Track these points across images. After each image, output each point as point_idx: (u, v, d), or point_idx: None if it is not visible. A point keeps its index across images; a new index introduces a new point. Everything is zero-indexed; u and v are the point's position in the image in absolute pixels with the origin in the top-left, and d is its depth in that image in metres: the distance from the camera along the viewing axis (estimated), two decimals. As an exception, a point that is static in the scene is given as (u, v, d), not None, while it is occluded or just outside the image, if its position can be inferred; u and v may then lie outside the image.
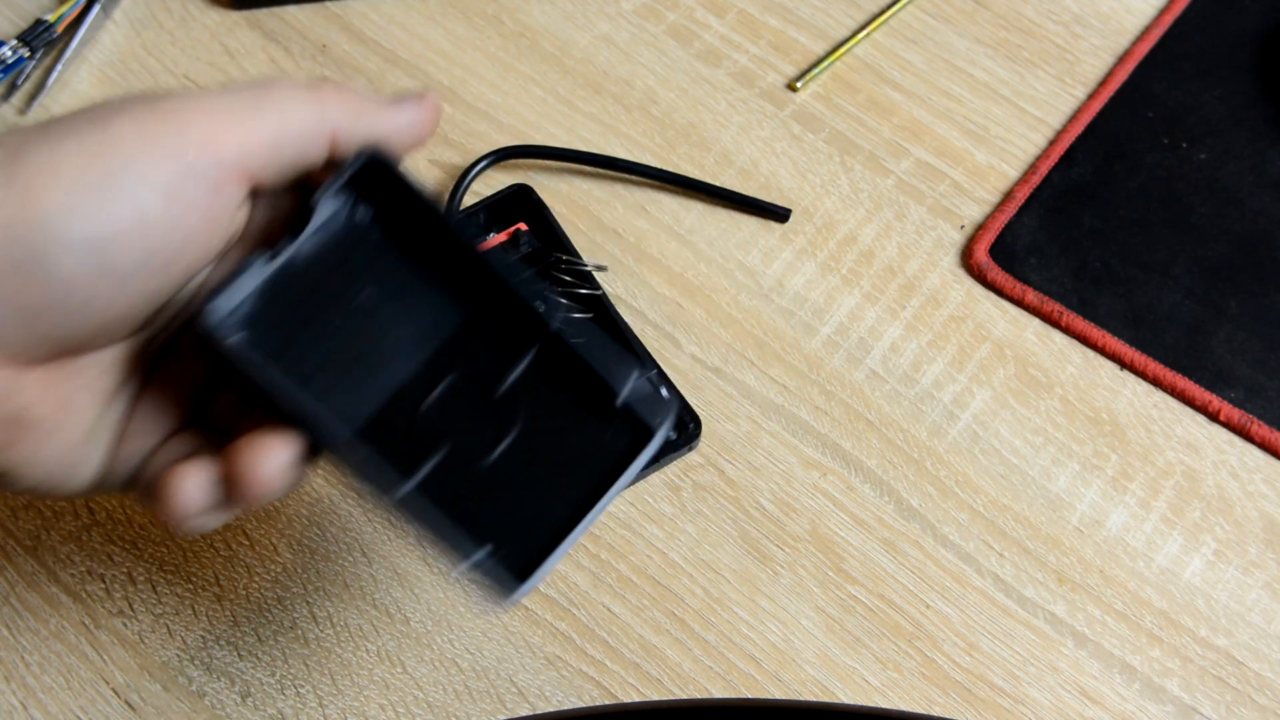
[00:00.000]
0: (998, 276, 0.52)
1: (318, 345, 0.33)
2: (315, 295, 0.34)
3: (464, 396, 0.33)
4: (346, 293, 0.34)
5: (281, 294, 0.34)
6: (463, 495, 0.33)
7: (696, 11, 0.60)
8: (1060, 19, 0.61)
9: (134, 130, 0.30)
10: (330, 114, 0.33)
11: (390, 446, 0.33)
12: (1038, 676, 0.44)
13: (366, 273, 0.34)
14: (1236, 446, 0.49)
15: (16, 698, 0.43)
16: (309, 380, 0.33)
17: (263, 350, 0.33)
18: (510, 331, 0.34)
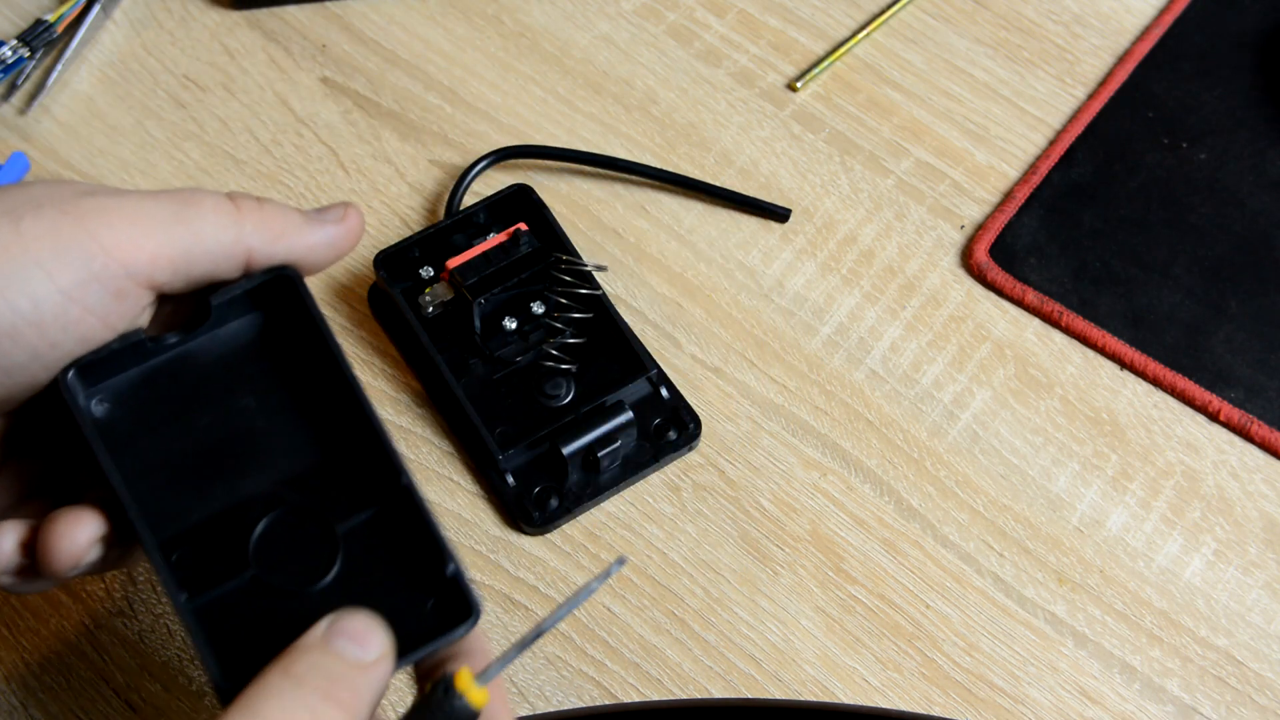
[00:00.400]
0: (998, 276, 0.52)
1: (174, 440, 0.34)
2: (188, 392, 0.34)
3: (294, 531, 0.33)
4: (220, 398, 0.34)
5: (156, 382, 0.34)
6: (244, 626, 0.32)
7: (696, 11, 0.60)
8: (1060, 19, 0.61)
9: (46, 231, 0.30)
10: (247, 232, 0.33)
11: (200, 558, 0.33)
12: (1038, 676, 0.44)
13: (246, 384, 0.35)
14: (1236, 446, 0.49)
15: (16, 698, 0.43)
16: (150, 470, 0.33)
17: (117, 427, 0.33)
18: (361, 480, 0.34)
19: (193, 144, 0.55)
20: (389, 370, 0.50)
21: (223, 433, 0.34)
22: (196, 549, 0.33)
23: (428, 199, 0.54)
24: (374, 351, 0.50)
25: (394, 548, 0.34)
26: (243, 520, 0.33)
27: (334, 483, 0.34)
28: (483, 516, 0.47)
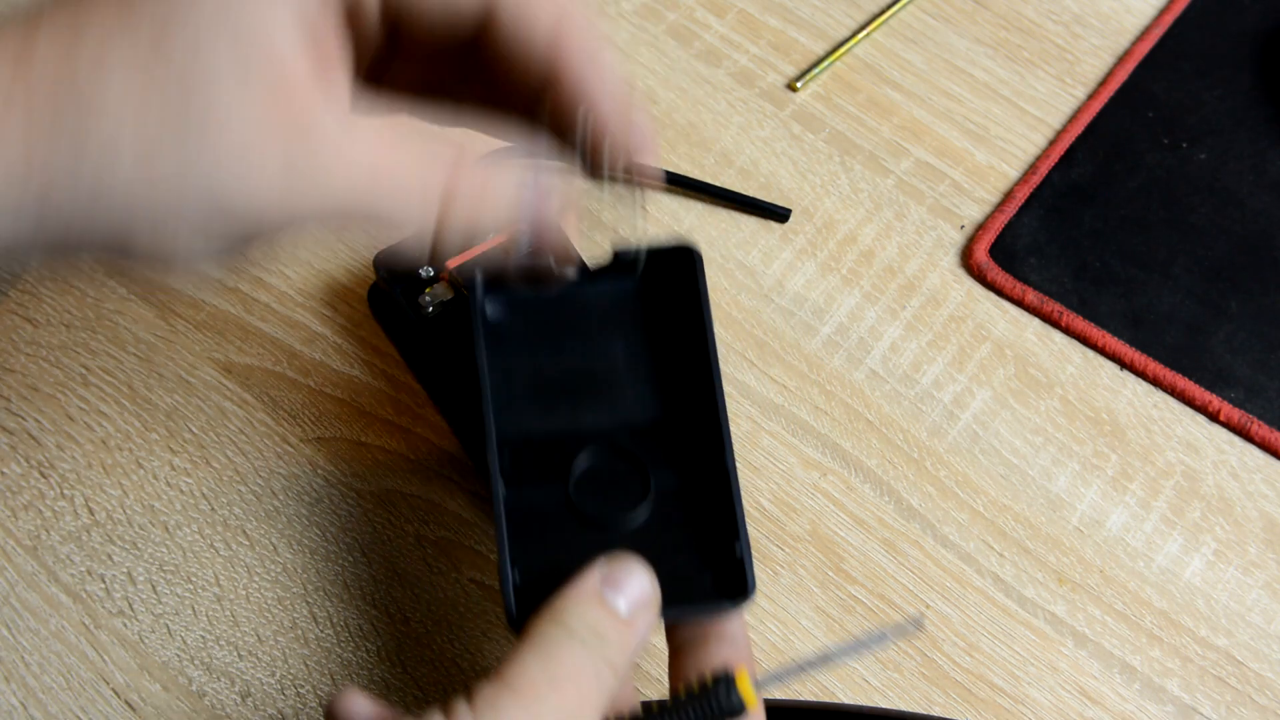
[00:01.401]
0: (998, 276, 0.52)
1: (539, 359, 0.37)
2: (566, 322, 0.38)
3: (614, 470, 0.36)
4: (591, 336, 0.37)
5: (543, 305, 0.37)
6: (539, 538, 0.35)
7: (696, 11, 0.60)
8: (1060, 19, 0.61)
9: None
10: None
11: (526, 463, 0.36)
12: (1038, 676, 0.44)
13: (618, 330, 0.38)
14: (1236, 446, 0.49)
15: (16, 698, 0.43)
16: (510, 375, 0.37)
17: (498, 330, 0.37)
18: (688, 445, 0.36)
19: (193, 144, 0.55)
20: (389, 370, 0.50)
21: (583, 367, 0.37)
22: (526, 455, 0.36)
23: (428, 199, 0.54)
24: (374, 351, 0.50)
25: (693, 514, 0.36)
26: (573, 446, 0.36)
27: (663, 441, 0.36)
28: (482, 516, 0.47)
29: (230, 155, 0.27)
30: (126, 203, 0.27)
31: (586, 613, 0.30)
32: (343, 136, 0.28)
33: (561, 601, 0.30)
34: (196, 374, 0.49)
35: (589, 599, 0.30)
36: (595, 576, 0.31)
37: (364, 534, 0.46)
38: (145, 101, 0.26)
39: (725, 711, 0.31)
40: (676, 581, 0.33)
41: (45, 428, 0.48)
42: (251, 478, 0.47)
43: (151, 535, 0.46)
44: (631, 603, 0.31)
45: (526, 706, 0.28)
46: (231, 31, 0.27)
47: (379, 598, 0.45)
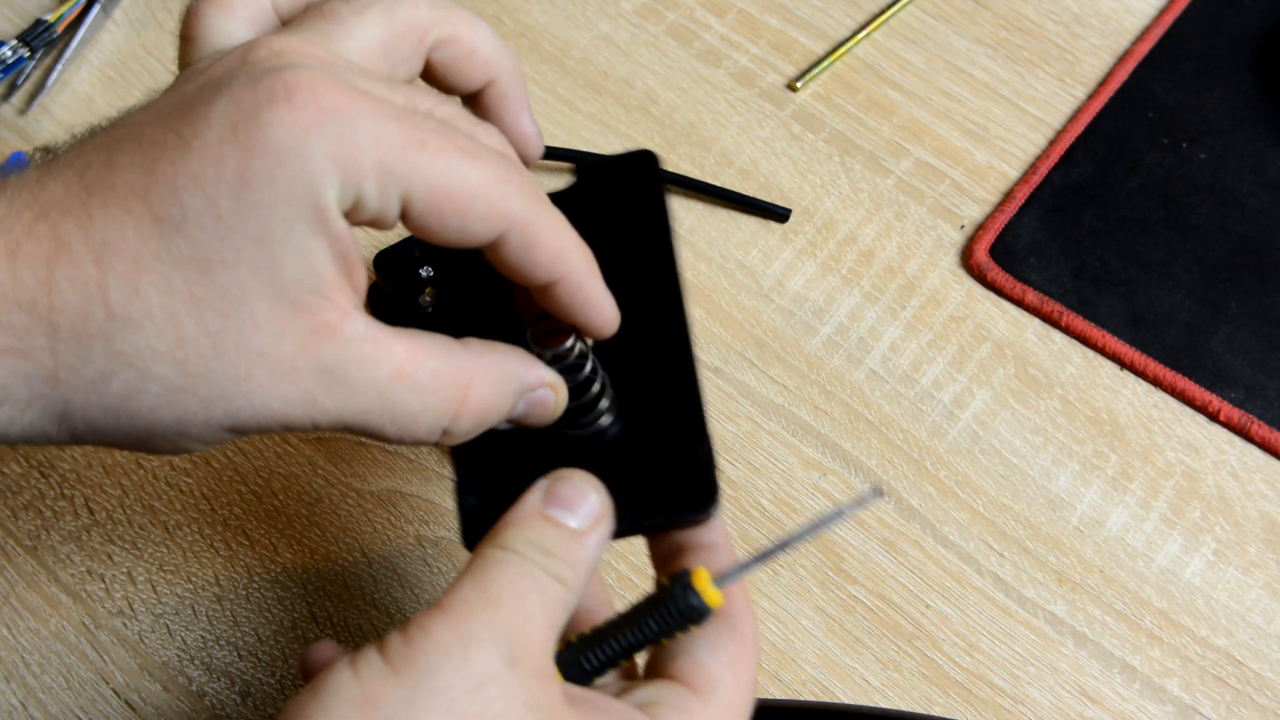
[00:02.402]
0: (998, 276, 0.52)
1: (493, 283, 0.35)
2: None
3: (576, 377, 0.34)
4: None
5: None
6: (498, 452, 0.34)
7: (696, 11, 0.60)
8: (1060, 19, 0.61)
9: None
10: None
11: None
12: (1038, 676, 0.44)
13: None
14: (1236, 446, 0.49)
15: (16, 698, 0.43)
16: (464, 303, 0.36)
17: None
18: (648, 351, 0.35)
19: (193, 144, 0.55)
20: (389, 370, 0.50)
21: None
22: None
23: (428, 199, 0.54)
24: (374, 351, 0.50)
25: (657, 424, 0.34)
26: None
27: (625, 352, 0.35)
28: (483, 516, 0.47)
29: (259, 384, 0.28)
30: (154, 417, 0.28)
31: (527, 530, 0.29)
32: (369, 344, 0.29)
33: (502, 522, 0.30)
34: (196, 374, 0.49)
35: (530, 516, 0.30)
36: (537, 494, 0.30)
37: (364, 534, 0.46)
38: (180, 327, 0.27)
39: (686, 614, 0.29)
40: (642, 494, 0.32)
41: (45, 428, 0.48)
42: (251, 478, 0.47)
43: (151, 535, 0.46)
44: (579, 516, 0.30)
45: (455, 626, 0.27)
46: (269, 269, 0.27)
47: (379, 598, 0.45)
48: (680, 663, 0.30)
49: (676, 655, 0.30)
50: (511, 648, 0.27)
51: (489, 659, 0.26)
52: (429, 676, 0.26)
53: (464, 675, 0.26)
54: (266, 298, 0.27)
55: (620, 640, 0.30)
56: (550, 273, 0.31)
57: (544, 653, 0.28)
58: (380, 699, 0.26)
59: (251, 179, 0.27)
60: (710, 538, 0.33)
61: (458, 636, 0.27)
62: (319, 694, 0.26)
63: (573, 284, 0.32)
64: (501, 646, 0.27)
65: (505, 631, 0.27)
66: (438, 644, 0.26)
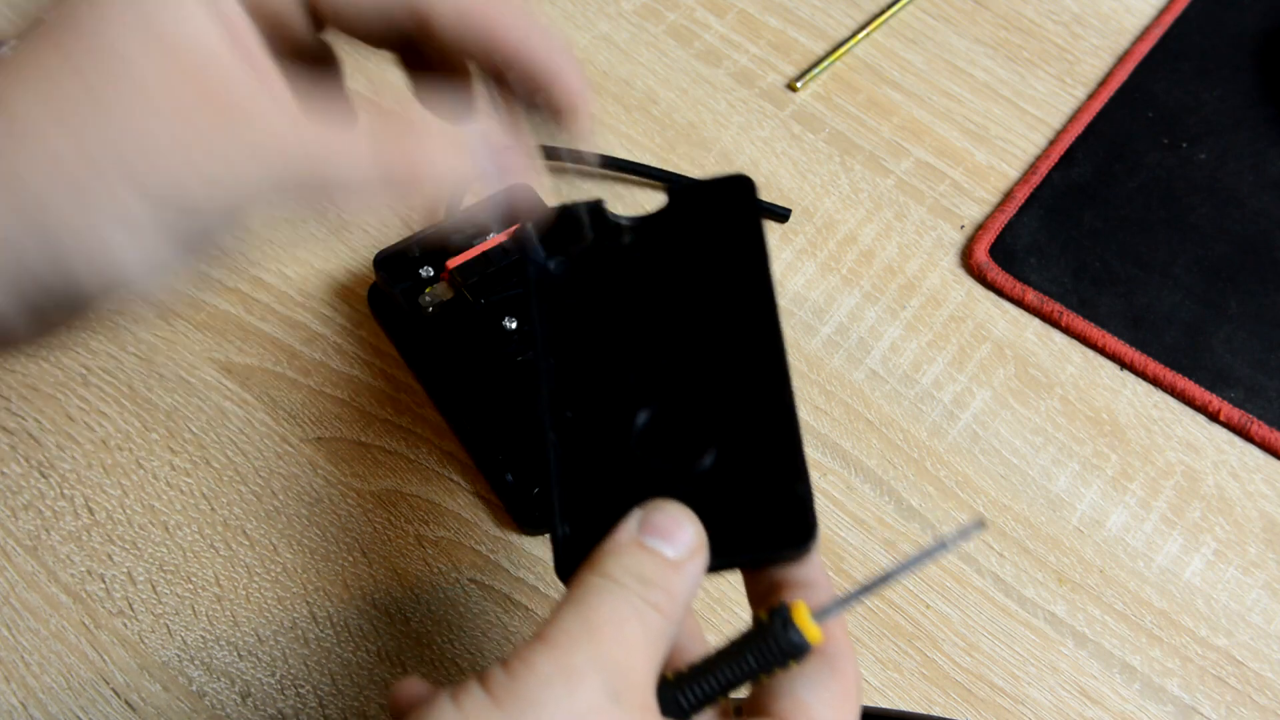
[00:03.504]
0: (998, 276, 0.52)
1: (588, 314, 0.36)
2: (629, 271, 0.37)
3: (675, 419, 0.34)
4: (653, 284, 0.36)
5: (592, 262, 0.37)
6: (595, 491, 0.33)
7: (696, 11, 0.60)
8: (1060, 19, 0.61)
9: None
10: None
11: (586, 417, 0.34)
12: (1038, 676, 0.44)
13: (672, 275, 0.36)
14: (1236, 446, 0.49)
15: (16, 698, 0.43)
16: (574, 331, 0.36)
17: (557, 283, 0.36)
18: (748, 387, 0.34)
19: (193, 144, 0.55)
20: (389, 370, 0.50)
21: (638, 317, 0.36)
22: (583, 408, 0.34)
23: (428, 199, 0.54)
24: (374, 352, 0.50)
25: (755, 460, 0.34)
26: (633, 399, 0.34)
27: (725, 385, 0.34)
28: (482, 516, 0.47)
29: (156, 143, 0.26)
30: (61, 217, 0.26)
31: (625, 559, 0.29)
32: (278, 114, 0.27)
33: (599, 551, 0.29)
34: (196, 374, 0.49)
35: (627, 545, 0.29)
36: (633, 523, 0.30)
37: (364, 534, 0.46)
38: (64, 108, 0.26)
39: (786, 650, 0.29)
40: (738, 528, 0.32)
41: (45, 428, 0.48)
42: (251, 478, 0.47)
43: (151, 535, 0.46)
44: (676, 545, 0.29)
45: (559, 658, 0.26)
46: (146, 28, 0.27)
47: (379, 598, 0.45)
48: (781, 702, 0.29)
49: (777, 694, 0.30)
50: (614, 680, 0.26)
51: (593, 692, 0.26)
52: (533, 709, 0.26)
53: (568, 708, 0.26)
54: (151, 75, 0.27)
55: (719, 676, 0.29)
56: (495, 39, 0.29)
57: (646, 686, 0.27)
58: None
59: None
60: (808, 574, 0.32)
61: (561, 669, 0.26)
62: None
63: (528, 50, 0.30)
64: (605, 679, 0.26)
65: (608, 664, 0.27)
66: (541, 676, 0.26)
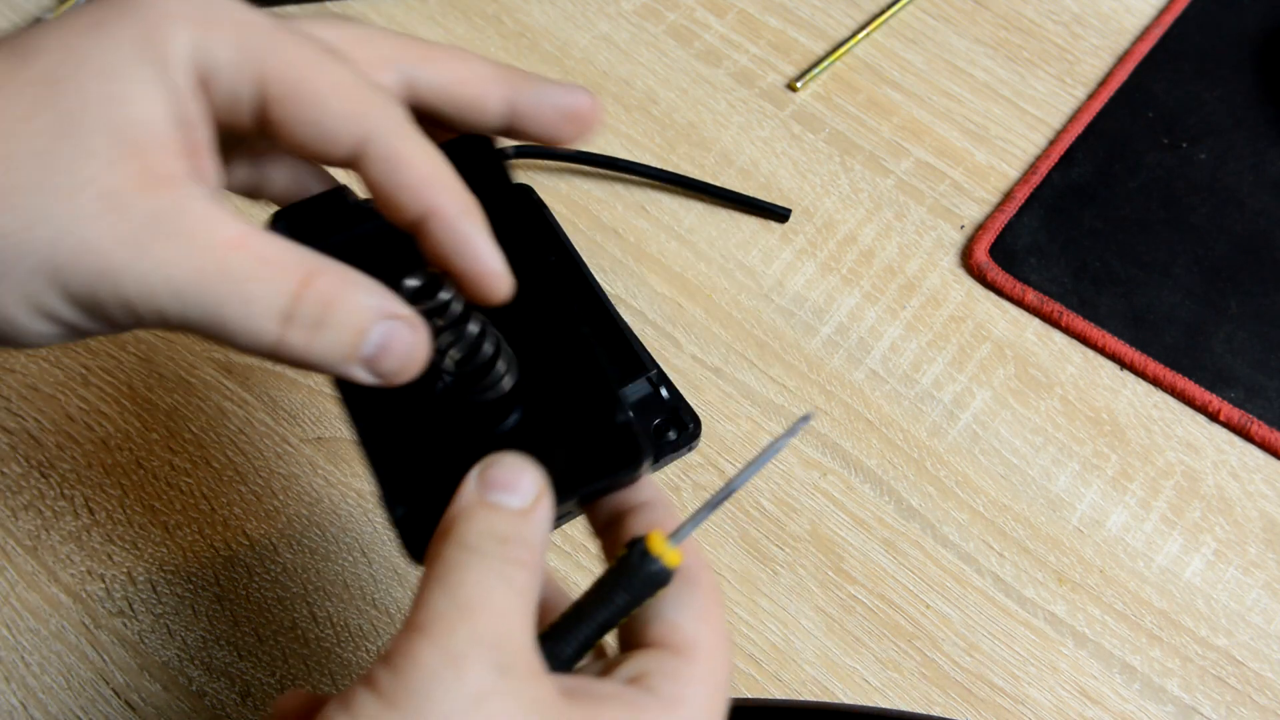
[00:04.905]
0: (998, 276, 0.52)
1: None
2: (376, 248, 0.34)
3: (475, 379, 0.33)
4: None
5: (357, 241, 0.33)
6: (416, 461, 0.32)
7: (696, 11, 0.60)
8: (1060, 19, 0.61)
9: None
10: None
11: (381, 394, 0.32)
12: (1038, 676, 0.44)
13: None
14: (1236, 446, 0.49)
15: (16, 698, 0.43)
16: None
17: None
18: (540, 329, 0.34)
19: (193, 144, 0.55)
20: (389, 370, 0.50)
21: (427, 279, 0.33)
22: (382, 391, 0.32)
23: (428, 199, 0.54)
24: (374, 351, 0.50)
25: (567, 400, 0.34)
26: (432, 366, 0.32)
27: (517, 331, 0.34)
28: (483, 516, 0.47)
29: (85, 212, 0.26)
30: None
31: (475, 522, 0.28)
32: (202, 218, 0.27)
33: (446, 521, 0.28)
34: (196, 374, 0.49)
35: (473, 506, 0.29)
36: (472, 484, 0.29)
37: (364, 534, 0.46)
38: (13, 140, 0.26)
39: (648, 579, 0.29)
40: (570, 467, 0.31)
41: (45, 428, 0.48)
42: (251, 478, 0.47)
43: (151, 535, 0.46)
44: (520, 493, 0.29)
45: (439, 646, 0.26)
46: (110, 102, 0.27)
47: (379, 598, 0.45)
48: (653, 629, 0.30)
49: (647, 622, 0.30)
50: (499, 654, 0.26)
51: (481, 673, 0.26)
52: (427, 703, 0.25)
53: (461, 694, 0.26)
54: (103, 132, 0.27)
55: (592, 621, 0.29)
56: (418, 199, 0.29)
57: (528, 649, 0.27)
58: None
59: (106, 21, 0.27)
60: (645, 496, 0.32)
61: (444, 656, 0.26)
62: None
63: (447, 219, 0.29)
64: (489, 655, 0.26)
65: (488, 639, 0.26)
66: (426, 669, 0.26)
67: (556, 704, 0.27)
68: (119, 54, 0.27)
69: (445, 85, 0.32)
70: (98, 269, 0.26)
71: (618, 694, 0.28)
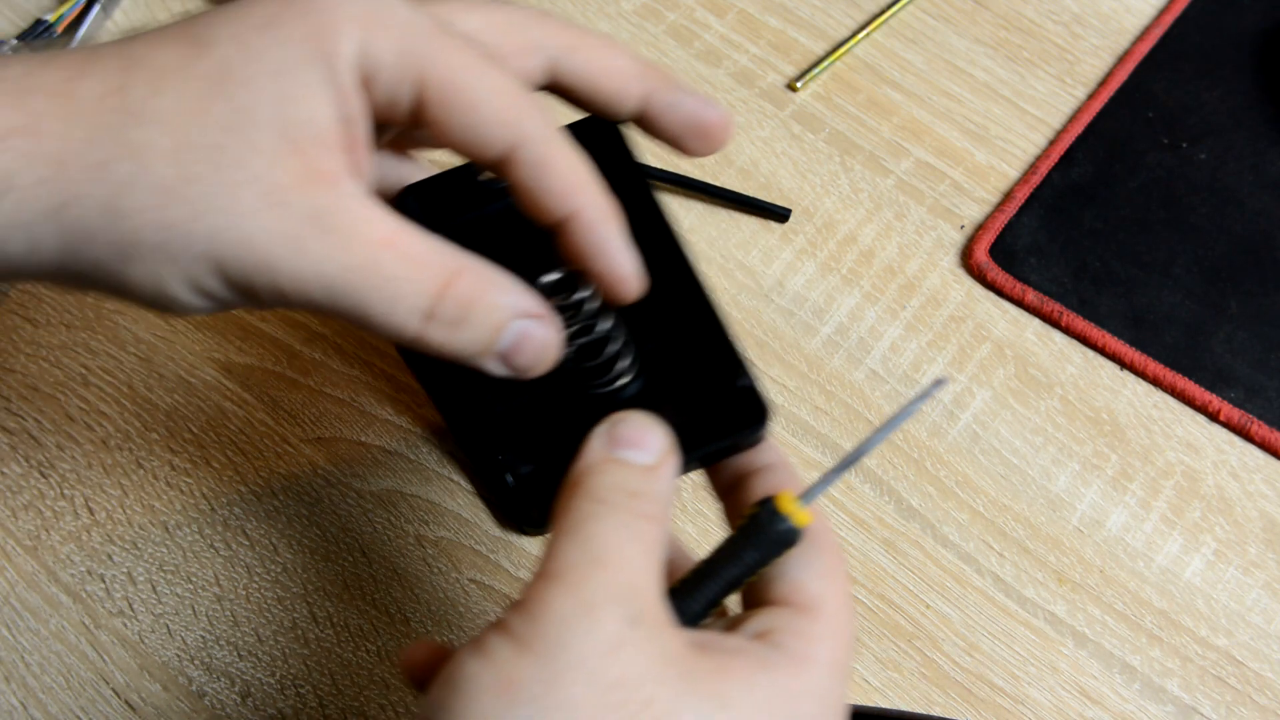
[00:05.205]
0: (998, 276, 0.52)
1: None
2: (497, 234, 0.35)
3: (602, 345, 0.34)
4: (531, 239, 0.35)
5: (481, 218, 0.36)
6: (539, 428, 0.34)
7: (696, 11, 0.60)
8: (1060, 19, 0.61)
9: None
10: None
11: None
12: (1038, 676, 0.44)
13: None
14: (1236, 446, 0.49)
15: (16, 698, 0.43)
16: None
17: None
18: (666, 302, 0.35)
19: (193, 144, 0.55)
20: (389, 370, 0.50)
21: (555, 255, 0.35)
22: None
23: (428, 199, 0.54)
24: (373, 352, 0.50)
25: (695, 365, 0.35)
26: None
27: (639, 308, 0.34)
28: (483, 516, 0.47)
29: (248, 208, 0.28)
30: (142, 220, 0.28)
31: (605, 476, 0.29)
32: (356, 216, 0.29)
33: (576, 475, 0.29)
34: (196, 374, 0.49)
35: (602, 462, 0.29)
36: (599, 441, 0.30)
37: (364, 534, 0.46)
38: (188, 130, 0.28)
39: (777, 539, 0.29)
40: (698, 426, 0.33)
41: (45, 428, 0.48)
42: (251, 478, 0.47)
43: (151, 535, 0.46)
44: (648, 450, 0.30)
45: (574, 594, 0.26)
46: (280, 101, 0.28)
47: (379, 598, 0.45)
48: (778, 587, 0.30)
49: (772, 580, 0.30)
50: (630, 605, 0.27)
51: (614, 622, 0.26)
52: (562, 650, 0.26)
53: (594, 642, 0.26)
54: (272, 129, 0.28)
55: (720, 579, 0.29)
56: (563, 203, 0.30)
57: (658, 601, 0.28)
58: (520, 679, 0.26)
59: (280, 18, 0.29)
60: (769, 459, 0.33)
61: (578, 605, 0.26)
62: (455, 687, 0.26)
63: (588, 223, 0.31)
64: (622, 606, 0.27)
65: (621, 590, 0.27)
66: (560, 616, 0.26)
67: (686, 655, 0.27)
68: (291, 52, 0.28)
69: (589, 75, 0.33)
70: (256, 261, 0.28)
71: (746, 648, 0.28)
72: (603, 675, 0.26)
